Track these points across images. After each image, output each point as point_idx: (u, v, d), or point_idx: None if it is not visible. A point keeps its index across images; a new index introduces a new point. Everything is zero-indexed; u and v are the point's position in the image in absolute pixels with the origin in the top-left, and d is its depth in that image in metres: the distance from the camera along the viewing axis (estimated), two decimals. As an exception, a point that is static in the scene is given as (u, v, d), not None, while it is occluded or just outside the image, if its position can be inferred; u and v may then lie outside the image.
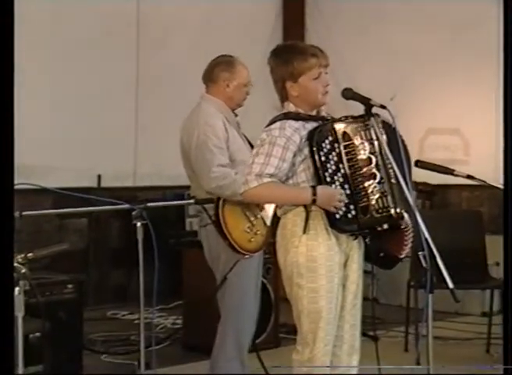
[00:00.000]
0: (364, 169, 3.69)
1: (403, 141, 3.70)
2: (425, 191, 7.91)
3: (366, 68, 8.51)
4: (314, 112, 3.80)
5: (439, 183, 7.66)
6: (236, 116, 4.77)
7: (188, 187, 4.91)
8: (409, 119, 7.48)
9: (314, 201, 3.60)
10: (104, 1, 7.55)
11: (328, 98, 3.79)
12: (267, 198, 3.81)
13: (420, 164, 3.89)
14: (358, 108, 3.76)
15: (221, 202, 4.48)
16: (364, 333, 5.61)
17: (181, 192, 6.81)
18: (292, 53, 3.79)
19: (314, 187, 3.61)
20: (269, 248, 4.47)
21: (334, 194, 3.60)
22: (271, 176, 3.61)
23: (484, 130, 8.05)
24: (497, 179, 4.15)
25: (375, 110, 3.73)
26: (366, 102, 3.69)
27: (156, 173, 8.05)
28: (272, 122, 3.74)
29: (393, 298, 7.48)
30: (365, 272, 8.92)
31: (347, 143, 3.68)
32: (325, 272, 3.66)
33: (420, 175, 4.25)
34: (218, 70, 4.73)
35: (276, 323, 6.10)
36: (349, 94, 3.74)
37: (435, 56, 8.23)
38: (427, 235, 3.43)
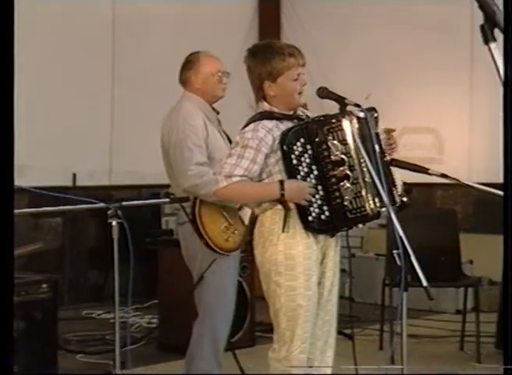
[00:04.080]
0: (337, 170, 3.68)
1: (378, 139, 3.72)
2: (402, 190, 7.94)
3: (341, 67, 8.54)
4: (290, 112, 3.80)
5: (414, 182, 7.68)
6: (217, 113, 4.77)
7: (163, 186, 4.91)
8: (384, 118, 7.49)
9: (282, 196, 3.60)
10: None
11: (303, 99, 3.80)
12: (237, 196, 3.83)
13: (394, 163, 3.90)
14: (334, 108, 3.76)
15: (198, 201, 4.48)
16: (339, 332, 5.66)
17: (157, 191, 6.81)
18: (270, 53, 3.77)
19: (282, 182, 3.62)
20: (246, 247, 4.48)
21: (303, 188, 3.62)
22: (240, 177, 3.63)
23: (458, 130, 8.11)
24: (471, 177, 4.20)
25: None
26: (341, 101, 3.69)
27: (132, 171, 8.02)
28: (247, 123, 3.75)
29: (369, 297, 7.51)
30: (341, 271, 8.97)
31: (320, 144, 3.67)
32: (303, 270, 3.68)
33: (401, 173, 4.28)
34: (185, 70, 4.76)
35: (252, 321, 6.10)
36: (324, 93, 3.74)
37: (410, 56, 8.27)
38: (401, 233, 3.44)
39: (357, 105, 3.68)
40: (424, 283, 3.40)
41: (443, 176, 3.79)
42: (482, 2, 2.12)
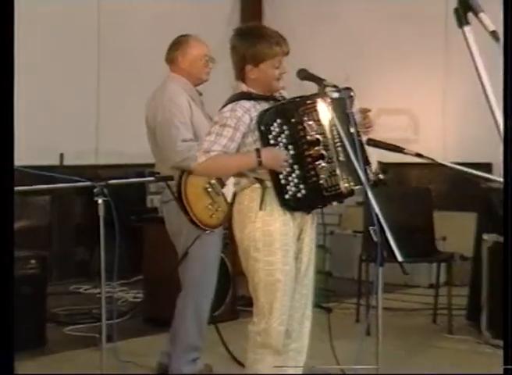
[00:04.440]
0: (313, 150, 3.67)
1: (353, 119, 3.72)
2: (379, 169, 7.96)
3: (321, 50, 8.51)
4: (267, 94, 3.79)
5: (390, 162, 7.70)
6: (200, 94, 4.76)
7: (149, 165, 4.89)
8: (361, 100, 7.49)
9: (260, 163, 3.60)
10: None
11: (281, 83, 3.79)
12: (216, 169, 3.79)
13: (371, 142, 3.91)
14: (313, 89, 3.75)
15: (183, 179, 4.47)
16: (317, 305, 5.69)
17: (142, 170, 6.79)
18: (258, 38, 3.74)
19: (258, 150, 3.61)
20: (228, 224, 4.48)
21: (279, 155, 3.61)
22: (217, 152, 3.62)
23: (433, 111, 8.13)
24: (445, 157, 4.20)
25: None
26: (319, 82, 3.68)
27: (118, 151, 7.99)
28: (226, 103, 3.74)
29: (346, 272, 7.55)
30: (319, 246, 8.99)
31: (296, 125, 3.66)
32: (280, 246, 3.68)
33: (377, 153, 4.29)
34: (172, 50, 4.75)
35: (234, 296, 6.12)
36: (303, 74, 3.75)
37: (387, 39, 8.27)
38: (377, 211, 3.45)
39: (335, 86, 3.69)
40: (400, 258, 3.42)
41: (418, 155, 3.79)
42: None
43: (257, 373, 3.79)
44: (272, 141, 3.63)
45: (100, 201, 4.16)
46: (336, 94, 3.71)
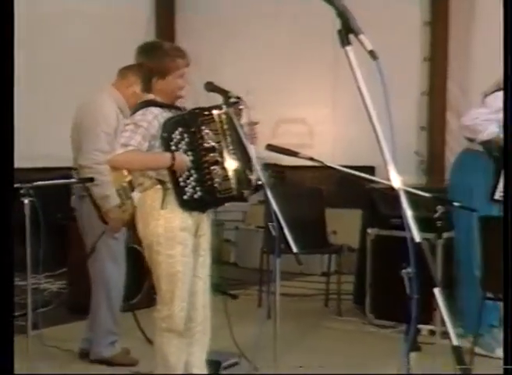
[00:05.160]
0: (209, 156, 3.69)
1: (242, 129, 3.71)
2: (277, 172, 8.00)
3: (228, 66, 8.47)
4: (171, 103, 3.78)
5: (288, 165, 7.76)
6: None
7: (74, 168, 4.79)
8: (264, 110, 7.52)
9: (172, 165, 3.58)
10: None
11: (185, 93, 3.78)
12: (131, 162, 3.70)
13: (270, 148, 3.92)
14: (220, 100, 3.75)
15: None
16: (225, 292, 5.67)
17: (67, 173, 6.64)
18: (161, 53, 3.74)
19: (172, 152, 3.60)
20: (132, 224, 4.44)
21: (186, 161, 3.62)
22: (134, 147, 3.58)
23: (324, 119, 8.21)
24: (334, 161, 4.23)
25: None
26: (224, 94, 3.70)
27: (46, 155, 7.79)
28: (136, 109, 3.71)
29: (249, 262, 7.55)
30: (226, 240, 9.00)
31: (195, 133, 3.67)
32: (180, 240, 3.68)
33: (273, 157, 4.30)
34: (129, 73, 4.56)
35: (150, 285, 6.04)
36: (210, 87, 3.77)
37: (284, 58, 8.30)
38: (276, 209, 3.47)
39: (239, 98, 3.70)
40: (295, 250, 3.44)
41: (311, 159, 3.82)
42: (339, 11, 2.14)
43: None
44: (173, 148, 3.62)
45: (26, 201, 4.06)
46: (230, 106, 3.71)
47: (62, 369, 4.45)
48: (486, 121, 4.71)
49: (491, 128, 4.71)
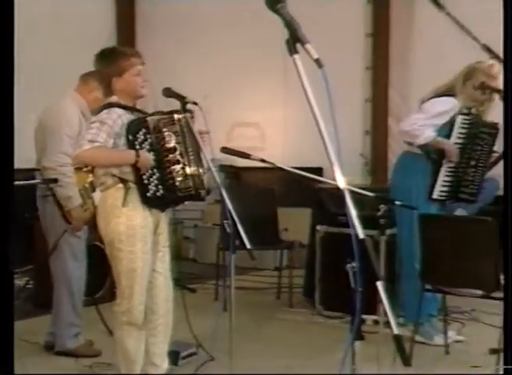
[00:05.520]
0: (170, 156, 3.67)
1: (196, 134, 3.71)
2: (232, 173, 7.99)
3: (185, 73, 8.41)
4: (132, 105, 3.75)
5: (242, 166, 7.75)
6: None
7: (35, 170, 4.72)
8: (220, 115, 7.54)
9: (136, 162, 3.56)
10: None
11: (146, 91, 3.74)
12: (97, 158, 3.65)
13: (224, 150, 3.90)
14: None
15: None
16: (184, 286, 5.64)
17: (32, 174, 6.55)
18: (116, 55, 3.74)
19: (137, 150, 3.58)
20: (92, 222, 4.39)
21: (150, 159, 3.60)
22: (101, 144, 3.54)
23: (276, 124, 8.22)
24: (285, 162, 4.23)
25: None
26: (181, 99, 3.70)
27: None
28: (101, 110, 3.67)
29: (207, 258, 7.53)
30: (186, 238, 8.93)
31: (157, 134, 3.65)
32: (140, 237, 3.64)
33: (229, 159, 4.30)
34: (90, 78, 4.54)
35: (112, 279, 5.97)
36: (167, 92, 3.77)
37: (239, 65, 8.28)
38: (230, 208, 3.46)
39: (195, 103, 3.70)
40: (248, 246, 3.44)
41: (262, 160, 3.82)
42: (287, 21, 2.13)
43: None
44: (137, 147, 3.60)
45: (-9, 201, 3.99)
46: (187, 112, 3.71)
47: (29, 360, 4.37)
48: (423, 126, 4.76)
49: (427, 132, 4.76)
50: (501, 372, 2.56)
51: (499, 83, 4.69)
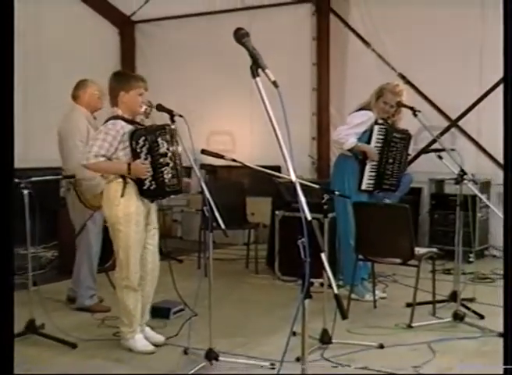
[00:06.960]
0: (162, 159, 3.70)
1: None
2: (210, 170, 7.94)
3: (175, 92, 8.23)
4: (132, 118, 3.75)
5: (219, 165, 7.70)
6: (94, 118, 4.60)
7: (60, 169, 4.70)
8: (200, 125, 7.50)
9: (128, 173, 3.61)
10: None
11: (142, 110, 3.73)
12: (100, 169, 3.74)
13: (204, 152, 3.87)
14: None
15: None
16: (173, 258, 5.58)
17: (57, 171, 6.45)
18: (130, 76, 3.83)
19: (129, 164, 3.61)
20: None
21: (141, 167, 3.61)
22: (103, 156, 3.59)
23: (244, 131, 8.19)
24: (252, 161, 4.21)
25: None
26: (170, 113, 3.67)
27: (40, 158, 7.49)
28: (108, 120, 3.68)
29: (192, 236, 7.47)
30: (175, 220, 8.81)
31: (153, 141, 3.66)
32: (135, 221, 3.68)
33: (209, 159, 4.26)
34: (76, 90, 4.59)
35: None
36: (160, 107, 3.73)
37: (213, 85, 8.19)
38: (209, 197, 3.44)
39: (180, 115, 3.67)
40: (223, 226, 3.44)
41: (234, 160, 3.78)
42: (250, 52, 2.12)
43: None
44: (138, 150, 3.63)
45: (25, 192, 3.96)
46: (174, 122, 3.70)
47: (54, 314, 4.31)
48: (347, 135, 4.74)
49: (351, 140, 4.75)
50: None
51: (404, 99, 4.71)
